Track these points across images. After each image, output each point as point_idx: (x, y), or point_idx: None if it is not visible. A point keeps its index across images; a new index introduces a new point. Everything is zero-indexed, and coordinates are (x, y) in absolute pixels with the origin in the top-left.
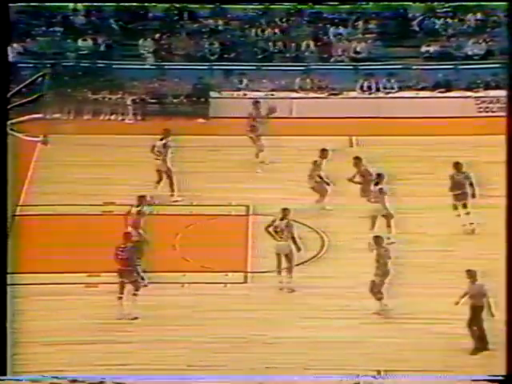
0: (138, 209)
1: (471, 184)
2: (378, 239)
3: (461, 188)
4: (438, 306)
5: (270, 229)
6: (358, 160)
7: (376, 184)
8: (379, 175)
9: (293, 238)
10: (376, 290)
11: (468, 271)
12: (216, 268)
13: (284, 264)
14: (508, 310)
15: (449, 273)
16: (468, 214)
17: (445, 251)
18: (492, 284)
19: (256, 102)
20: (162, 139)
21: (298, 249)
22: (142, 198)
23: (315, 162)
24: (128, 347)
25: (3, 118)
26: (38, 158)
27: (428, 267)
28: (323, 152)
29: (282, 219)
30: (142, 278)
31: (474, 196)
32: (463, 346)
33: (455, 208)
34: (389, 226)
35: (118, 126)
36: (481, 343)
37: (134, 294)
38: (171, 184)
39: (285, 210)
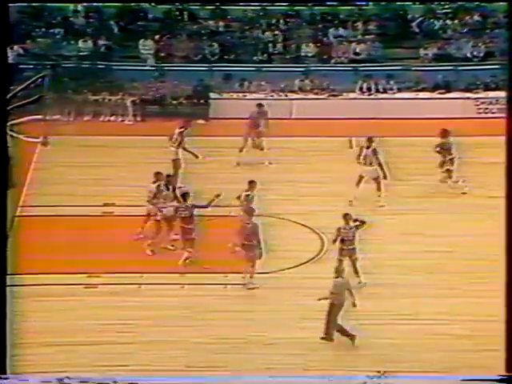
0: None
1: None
2: (345, 216)
3: (450, 154)
4: (437, 307)
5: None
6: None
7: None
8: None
9: None
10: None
11: (336, 268)
12: (216, 269)
13: None
14: (508, 310)
15: (448, 274)
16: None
17: (444, 252)
18: (491, 284)
19: (259, 105)
20: (181, 127)
21: None
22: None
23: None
24: (128, 348)
25: (3, 119)
26: (38, 159)
27: (428, 268)
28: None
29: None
30: None
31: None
32: (463, 346)
33: (450, 177)
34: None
35: (117, 127)
36: (328, 334)
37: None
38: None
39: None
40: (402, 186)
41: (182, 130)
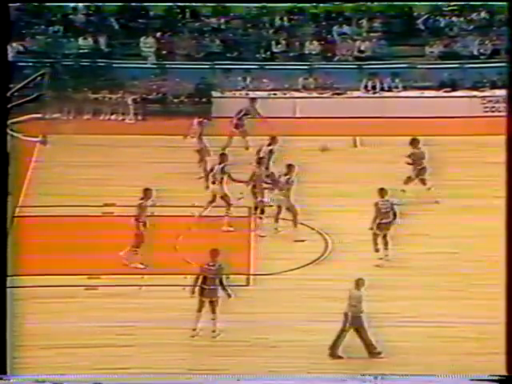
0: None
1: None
2: (381, 191)
3: (421, 163)
4: (441, 309)
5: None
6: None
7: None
8: None
9: None
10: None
11: (356, 280)
12: None
13: None
14: (508, 310)
15: (452, 275)
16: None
17: (448, 253)
18: (496, 285)
19: (253, 100)
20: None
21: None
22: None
23: None
24: (128, 350)
25: (3, 117)
26: (37, 158)
27: (431, 269)
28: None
29: None
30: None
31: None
32: (468, 348)
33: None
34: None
35: (118, 125)
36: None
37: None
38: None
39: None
40: (404, 187)
41: (201, 120)
